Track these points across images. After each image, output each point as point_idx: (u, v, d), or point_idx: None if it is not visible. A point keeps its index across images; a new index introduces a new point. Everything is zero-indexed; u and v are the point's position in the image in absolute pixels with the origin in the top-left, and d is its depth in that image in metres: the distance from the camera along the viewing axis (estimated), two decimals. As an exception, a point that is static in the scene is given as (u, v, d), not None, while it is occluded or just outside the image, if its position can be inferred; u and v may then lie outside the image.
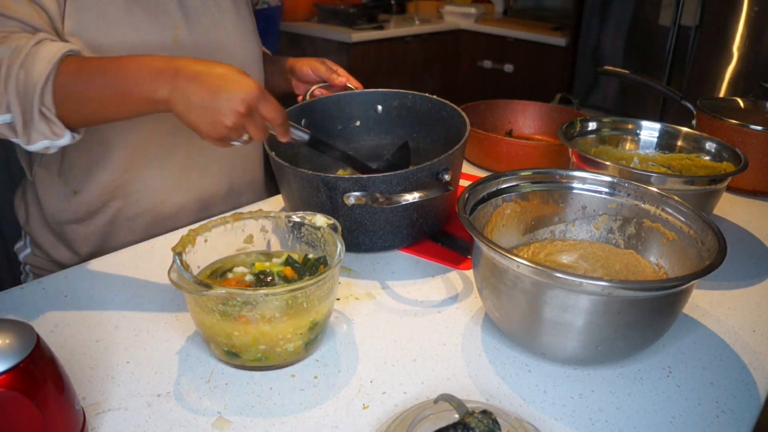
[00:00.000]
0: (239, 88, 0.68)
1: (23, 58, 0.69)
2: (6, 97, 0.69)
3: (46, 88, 0.69)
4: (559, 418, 0.60)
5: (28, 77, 0.68)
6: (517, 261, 0.60)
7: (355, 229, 0.84)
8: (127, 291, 0.77)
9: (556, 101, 1.42)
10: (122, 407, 0.58)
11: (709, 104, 1.23)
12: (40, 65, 0.69)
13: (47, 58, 0.69)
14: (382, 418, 0.58)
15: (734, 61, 2.51)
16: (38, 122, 0.70)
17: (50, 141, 0.72)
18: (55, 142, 0.73)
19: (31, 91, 0.69)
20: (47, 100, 0.69)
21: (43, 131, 0.71)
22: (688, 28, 2.58)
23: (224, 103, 0.67)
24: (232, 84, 0.68)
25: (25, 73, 0.68)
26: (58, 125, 0.71)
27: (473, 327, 0.73)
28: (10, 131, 0.72)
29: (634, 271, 0.76)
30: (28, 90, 0.69)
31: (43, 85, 0.69)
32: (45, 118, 0.70)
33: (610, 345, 0.63)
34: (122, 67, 0.70)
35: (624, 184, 0.79)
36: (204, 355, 0.66)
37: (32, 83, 0.68)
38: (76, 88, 0.70)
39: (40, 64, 0.69)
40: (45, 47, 0.70)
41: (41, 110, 0.70)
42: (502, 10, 3.77)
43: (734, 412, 0.62)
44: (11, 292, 0.75)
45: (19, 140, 0.72)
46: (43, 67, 0.69)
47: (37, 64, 0.69)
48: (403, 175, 0.79)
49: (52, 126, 0.71)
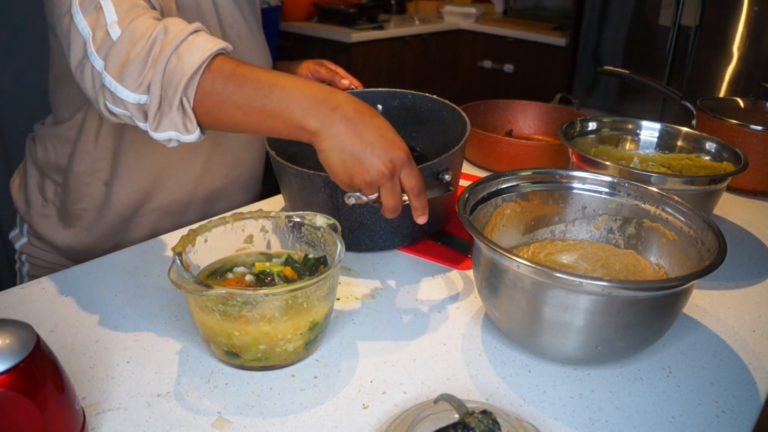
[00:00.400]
0: (391, 147, 0.66)
1: (179, 44, 0.66)
2: (151, 77, 0.66)
3: (194, 79, 0.66)
4: (559, 418, 0.60)
5: (180, 64, 0.66)
6: (517, 261, 0.60)
7: (356, 228, 0.84)
8: (127, 291, 0.77)
9: (556, 101, 1.42)
10: (122, 407, 0.58)
11: (709, 104, 1.23)
12: (195, 55, 0.66)
13: (203, 49, 0.66)
14: (382, 418, 0.58)
15: (734, 61, 2.51)
16: (175, 111, 0.67)
17: (177, 134, 0.69)
18: (180, 137, 0.69)
19: (179, 79, 0.66)
20: (191, 91, 0.66)
21: (176, 122, 0.68)
22: (688, 28, 2.58)
23: (372, 158, 0.65)
24: (385, 141, 0.66)
25: (178, 59, 0.66)
26: (192, 120, 0.68)
27: (473, 327, 0.73)
28: (141, 113, 0.68)
29: (634, 271, 0.76)
30: (175, 76, 0.66)
31: (192, 75, 0.66)
32: (183, 109, 0.67)
33: (610, 345, 0.63)
34: (279, 83, 0.67)
35: (624, 184, 0.79)
36: (204, 355, 0.66)
37: (182, 71, 0.66)
38: (225, 90, 0.67)
39: (195, 54, 0.66)
40: (201, 38, 0.68)
41: (182, 100, 0.67)
42: (502, 10, 3.77)
43: (734, 412, 0.62)
44: (11, 292, 0.75)
45: (145, 125, 0.69)
46: (197, 58, 0.66)
47: (192, 53, 0.66)
48: None
49: (186, 120, 0.68)
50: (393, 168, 0.66)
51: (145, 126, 0.69)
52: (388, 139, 0.66)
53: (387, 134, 0.67)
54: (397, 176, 0.67)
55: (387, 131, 0.67)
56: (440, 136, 1.00)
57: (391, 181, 0.67)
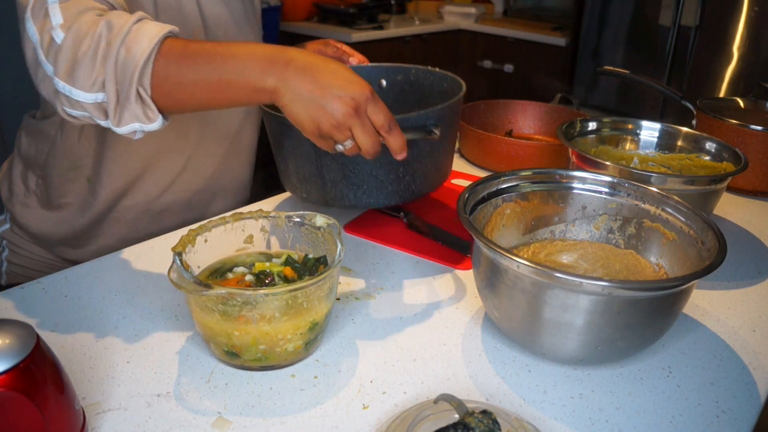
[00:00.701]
0: (350, 85, 0.66)
1: (125, 36, 0.65)
2: (103, 74, 0.66)
3: (147, 67, 0.66)
4: (559, 418, 0.60)
5: (129, 55, 0.65)
6: (517, 261, 0.60)
7: (339, 181, 0.84)
8: (127, 291, 0.77)
9: (556, 101, 1.42)
10: (122, 407, 0.58)
11: (709, 104, 1.23)
12: (143, 44, 0.65)
13: (150, 36, 0.66)
14: (382, 418, 0.58)
15: (734, 61, 2.51)
16: (133, 103, 0.67)
17: (141, 124, 0.68)
18: (145, 127, 0.69)
19: (131, 70, 0.65)
20: (146, 80, 0.66)
21: (137, 113, 0.67)
22: (688, 28, 2.58)
23: (333, 99, 0.65)
24: (343, 81, 0.66)
25: (126, 50, 0.65)
26: (152, 108, 0.68)
27: (473, 327, 0.73)
28: (100, 112, 0.68)
29: (634, 271, 0.76)
30: (127, 68, 0.65)
31: (144, 63, 0.65)
32: (141, 99, 0.67)
33: (610, 345, 0.63)
34: (230, 52, 0.67)
35: (624, 184, 0.79)
36: (204, 355, 0.66)
37: (133, 61, 0.65)
38: (179, 71, 0.67)
39: (142, 43, 0.65)
40: (147, 26, 0.67)
41: (138, 91, 0.66)
42: (502, 10, 3.77)
43: (734, 412, 0.62)
44: (11, 292, 0.75)
45: (107, 122, 0.69)
46: (145, 46, 0.65)
47: (140, 42, 0.65)
48: None
49: (146, 109, 0.68)
50: (356, 104, 0.66)
51: (107, 123, 0.69)
52: (347, 79, 0.66)
53: (344, 74, 0.67)
54: (364, 114, 0.67)
55: (344, 72, 0.67)
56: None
57: (358, 119, 0.67)
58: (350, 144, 0.69)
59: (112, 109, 0.67)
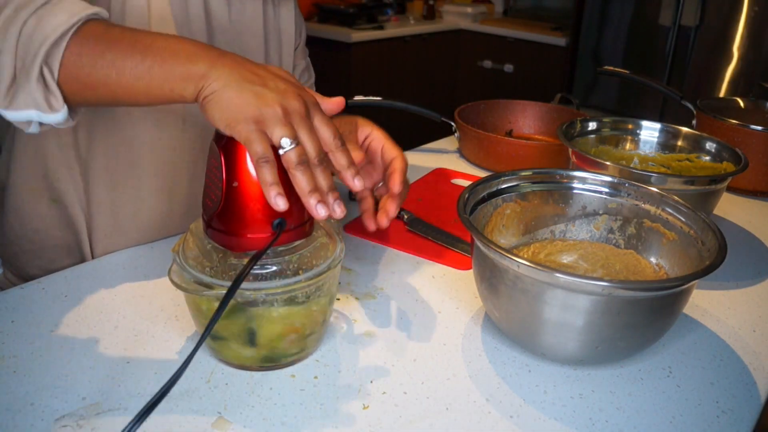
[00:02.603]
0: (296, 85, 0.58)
1: (39, 5, 0.56)
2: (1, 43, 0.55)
3: (58, 45, 0.55)
4: (559, 418, 0.60)
5: (39, 27, 0.55)
6: (517, 261, 0.60)
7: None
8: (127, 291, 0.77)
9: (556, 101, 1.42)
10: (122, 407, 0.58)
11: (709, 104, 1.23)
12: (60, 17, 0.55)
13: (70, 12, 0.56)
14: (382, 418, 0.58)
15: (734, 61, 2.51)
16: (34, 84, 0.56)
17: (39, 112, 0.57)
18: (43, 117, 0.58)
19: (37, 44, 0.55)
20: (54, 60, 0.55)
21: (35, 98, 0.56)
22: (688, 28, 2.58)
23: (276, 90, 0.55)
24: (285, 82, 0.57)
25: (38, 21, 0.55)
26: (56, 96, 0.57)
27: (473, 327, 0.73)
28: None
29: (635, 271, 0.76)
30: (33, 41, 0.55)
31: (56, 40, 0.55)
32: (44, 81, 0.56)
33: (610, 345, 0.63)
34: (161, 36, 0.58)
35: (624, 184, 0.79)
36: (204, 355, 0.66)
37: (42, 35, 0.55)
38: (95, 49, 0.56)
39: (60, 17, 0.55)
40: (71, 2, 0.57)
41: (42, 70, 0.56)
42: (502, 10, 3.77)
43: (734, 412, 0.62)
44: (11, 292, 0.75)
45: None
46: (62, 20, 0.55)
47: (56, 15, 0.55)
48: None
49: (49, 95, 0.57)
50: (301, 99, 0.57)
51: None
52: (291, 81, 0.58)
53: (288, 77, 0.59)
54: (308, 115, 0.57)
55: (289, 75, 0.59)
56: None
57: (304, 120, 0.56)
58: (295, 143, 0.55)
59: (5, 88, 0.56)
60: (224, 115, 0.54)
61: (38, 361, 0.63)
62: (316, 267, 0.62)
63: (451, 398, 0.61)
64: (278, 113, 0.54)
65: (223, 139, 0.57)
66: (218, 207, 0.58)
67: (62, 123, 0.60)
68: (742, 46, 2.47)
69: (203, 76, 0.55)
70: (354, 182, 0.59)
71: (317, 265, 0.62)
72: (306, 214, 0.61)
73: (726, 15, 2.48)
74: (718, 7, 2.50)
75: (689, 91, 2.57)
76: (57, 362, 0.63)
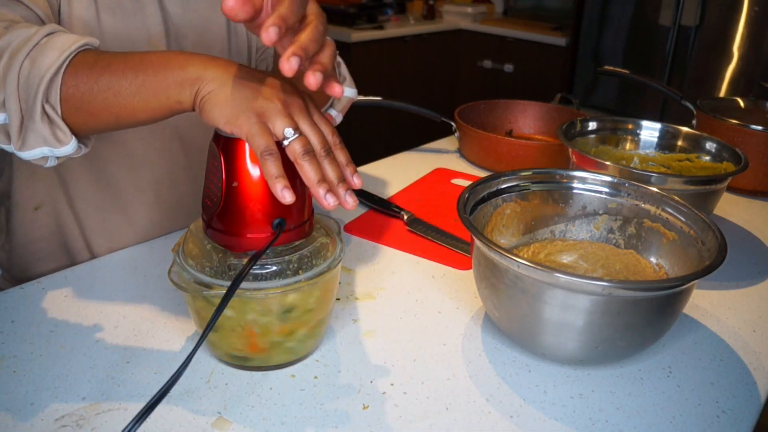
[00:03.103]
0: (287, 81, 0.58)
1: (31, 48, 0.58)
2: (3, 91, 0.58)
3: (54, 81, 0.57)
4: (559, 418, 0.60)
5: (33, 68, 0.57)
6: (517, 261, 0.60)
7: None
8: (127, 291, 0.77)
9: (556, 101, 1.42)
10: (122, 407, 0.58)
11: (709, 104, 1.23)
12: (51, 56, 0.57)
13: (60, 48, 0.58)
14: (382, 418, 0.58)
15: (734, 61, 2.51)
16: (39, 123, 0.58)
17: (50, 148, 0.60)
18: (56, 151, 0.60)
19: (35, 85, 0.57)
20: (53, 96, 0.58)
21: (44, 135, 0.59)
22: (688, 28, 2.58)
23: (268, 82, 0.56)
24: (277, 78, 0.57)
25: (32, 63, 0.57)
26: (63, 129, 0.59)
27: (473, 327, 0.73)
28: (2, 135, 0.60)
29: (635, 271, 0.76)
30: (31, 83, 0.57)
31: (51, 77, 0.57)
32: (48, 118, 0.58)
33: (611, 345, 0.63)
34: (152, 52, 0.59)
35: (624, 184, 0.79)
36: (204, 355, 0.66)
37: (38, 75, 0.57)
38: (90, 77, 0.58)
39: (51, 55, 0.57)
40: (59, 37, 0.59)
41: (44, 108, 0.58)
42: (502, 10, 3.77)
43: (734, 412, 0.62)
44: (11, 292, 0.75)
45: (11, 147, 0.60)
46: (54, 58, 0.57)
47: (47, 54, 0.57)
48: None
49: (56, 130, 0.59)
50: (302, 99, 0.57)
51: (11, 148, 0.60)
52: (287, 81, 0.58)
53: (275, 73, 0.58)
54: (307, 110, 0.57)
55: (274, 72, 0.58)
56: None
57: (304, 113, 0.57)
58: (298, 134, 0.55)
59: (16, 131, 0.59)
60: (224, 113, 0.54)
61: (38, 361, 0.64)
62: (316, 267, 0.62)
63: (451, 398, 0.61)
64: (278, 106, 0.55)
65: (223, 139, 0.57)
66: (218, 207, 0.58)
67: (75, 153, 0.62)
68: (742, 46, 2.47)
69: (197, 78, 0.56)
70: (353, 180, 0.58)
71: (317, 265, 0.62)
72: (306, 214, 0.61)
73: (726, 15, 2.48)
74: (718, 7, 2.49)
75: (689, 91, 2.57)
76: (57, 362, 0.63)
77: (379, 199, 1.02)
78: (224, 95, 0.54)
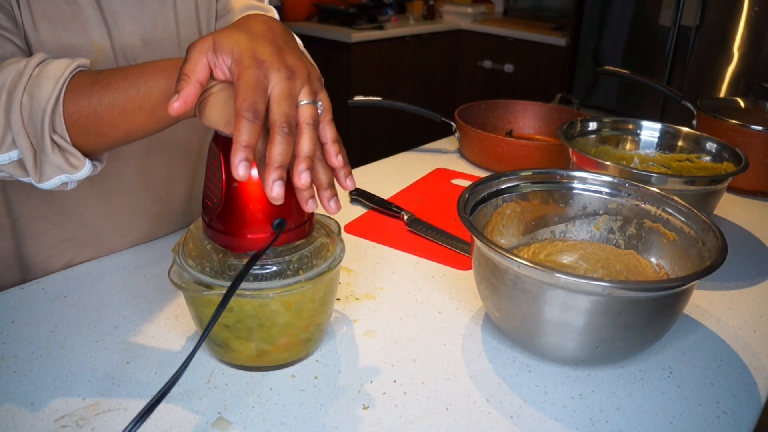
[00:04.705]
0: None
1: (26, 82, 0.59)
2: (9, 131, 0.59)
3: (56, 111, 0.58)
4: (559, 419, 0.60)
5: (33, 102, 0.58)
6: (517, 261, 0.60)
7: None
8: (127, 291, 0.76)
9: (556, 101, 1.42)
10: (122, 407, 0.58)
11: (709, 104, 1.23)
12: (48, 86, 0.58)
13: (54, 76, 0.59)
14: (382, 418, 0.58)
15: (734, 61, 2.51)
16: (51, 154, 0.59)
17: (67, 175, 0.61)
18: (73, 176, 0.61)
19: (39, 119, 0.58)
20: (59, 125, 0.59)
21: (59, 164, 0.60)
22: (688, 28, 2.58)
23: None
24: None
25: (30, 97, 0.58)
26: (75, 155, 0.60)
27: (473, 327, 0.73)
28: (20, 170, 0.61)
29: (635, 271, 0.76)
30: (35, 117, 0.58)
31: (53, 107, 0.58)
32: (59, 148, 0.59)
33: (611, 345, 0.63)
34: (144, 66, 0.60)
35: (624, 184, 0.79)
36: (204, 355, 0.66)
37: (39, 108, 0.58)
38: (91, 99, 0.59)
39: (47, 86, 0.58)
40: (50, 65, 0.59)
41: (53, 139, 0.59)
42: (502, 10, 3.77)
43: (735, 413, 0.62)
44: (11, 292, 0.75)
45: (29, 179, 0.61)
46: (50, 88, 0.58)
47: (43, 85, 0.58)
48: None
49: (69, 156, 0.60)
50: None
51: (30, 180, 0.62)
52: None
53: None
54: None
55: None
56: None
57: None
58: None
59: (32, 166, 0.60)
60: (223, 114, 0.54)
61: (38, 361, 0.63)
62: (316, 267, 0.62)
63: (451, 398, 0.61)
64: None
65: (223, 139, 0.57)
66: (218, 207, 0.58)
67: (91, 173, 0.63)
68: (742, 46, 2.47)
69: None
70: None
71: (317, 265, 0.62)
72: (306, 214, 0.61)
73: (726, 15, 2.48)
74: (718, 7, 2.50)
75: (689, 91, 2.57)
76: (57, 362, 0.63)
77: (379, 199, 1.02)
78: (223, 97, 0.54)
